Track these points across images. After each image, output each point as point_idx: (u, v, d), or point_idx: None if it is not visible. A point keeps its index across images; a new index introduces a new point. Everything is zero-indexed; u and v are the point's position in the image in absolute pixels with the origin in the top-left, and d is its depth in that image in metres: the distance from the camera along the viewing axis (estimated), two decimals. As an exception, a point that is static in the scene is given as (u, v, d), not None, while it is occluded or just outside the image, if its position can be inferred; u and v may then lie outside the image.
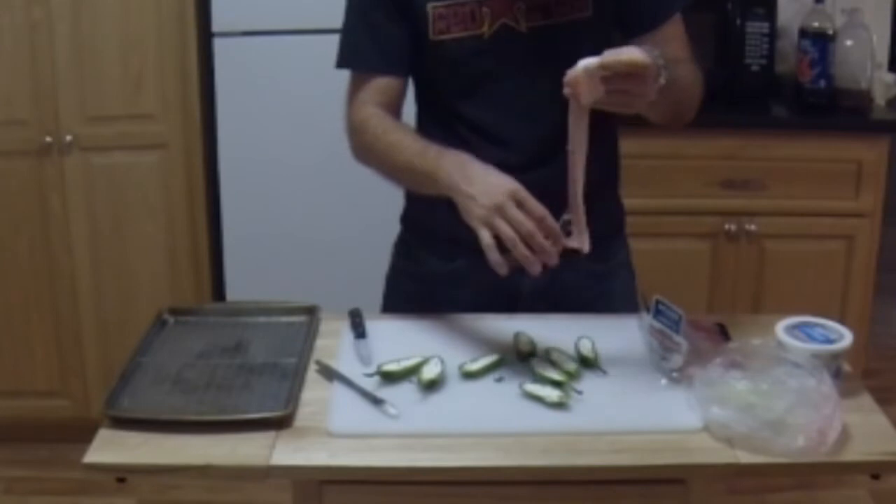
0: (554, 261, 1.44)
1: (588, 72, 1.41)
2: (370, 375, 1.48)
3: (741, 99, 2.94)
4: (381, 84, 1.69)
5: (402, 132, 1.65)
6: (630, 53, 1.40)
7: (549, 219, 1.44)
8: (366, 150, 1.69)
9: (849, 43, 2.91)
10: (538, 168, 1.66)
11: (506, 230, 1.43)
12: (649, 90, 1.43)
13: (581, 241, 1.54)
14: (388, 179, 1.69)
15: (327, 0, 1.94)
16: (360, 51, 1.70)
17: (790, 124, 2.88)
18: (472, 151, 1.68)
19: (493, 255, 1.44)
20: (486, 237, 1.44)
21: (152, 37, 2.73)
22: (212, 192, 2.92)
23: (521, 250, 1.42)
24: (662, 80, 1.47)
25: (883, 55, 3.08)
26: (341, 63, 1.72)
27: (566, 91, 1.44)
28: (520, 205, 1.43)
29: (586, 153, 1.51)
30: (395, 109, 1.70)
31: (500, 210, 1.44)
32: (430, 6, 1.63)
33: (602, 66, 1.40)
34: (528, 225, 1.42)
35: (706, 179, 2.83)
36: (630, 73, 1.40)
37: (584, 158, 1.52)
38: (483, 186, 1.47)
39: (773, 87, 3.01)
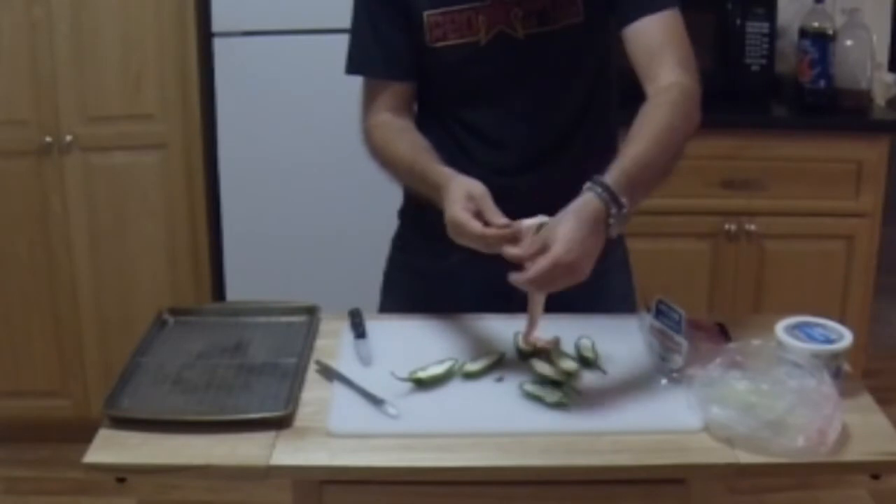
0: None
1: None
2: (402, 380, 1.46)
3: (741, 99, 2.94)
4: (391, 89, 1.71)
5: (396, 144, 1.67)
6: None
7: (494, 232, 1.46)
8: (373, 156, 1.73)
9: (849, 43, 2.91)
10: (534, 170, 1.67)
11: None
12: (584, 275, 1.43)
13: None
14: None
15: (327, 0, 1.95)
16: (369, 57, 1.71)
17: (790, 124, 2.88)
18: (469, 154, 1.69)
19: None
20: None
21: (152, 37, 2.73)
22: (212, 192, 2.92)
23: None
24: (620, 231, 1.49)
25: (883, 55, 3.08)
26: (350, 69, 1.73)
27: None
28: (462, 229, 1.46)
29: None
30: (406, 110, 1.73)
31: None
32: (426, 14, 1.64)
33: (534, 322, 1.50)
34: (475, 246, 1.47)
35: (706, 179, 2.83)
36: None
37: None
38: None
39: (773, 87, 3.01)
